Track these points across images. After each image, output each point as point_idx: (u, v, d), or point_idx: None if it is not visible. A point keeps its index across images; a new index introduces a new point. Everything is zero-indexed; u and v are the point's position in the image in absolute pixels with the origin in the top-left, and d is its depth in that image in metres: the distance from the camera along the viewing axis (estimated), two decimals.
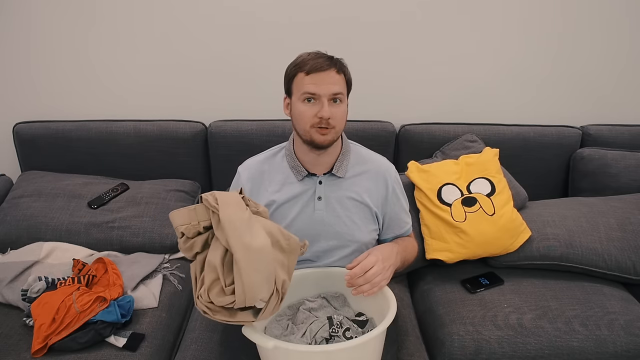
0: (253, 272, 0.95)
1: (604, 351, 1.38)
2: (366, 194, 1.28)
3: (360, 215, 1.28)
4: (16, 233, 1.67)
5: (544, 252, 1.61)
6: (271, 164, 1.30)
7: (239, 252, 0.94)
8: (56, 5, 1.82)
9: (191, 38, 1.88)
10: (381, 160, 1.35)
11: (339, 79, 1.17)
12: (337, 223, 1.26)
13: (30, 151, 1.92)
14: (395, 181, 1.34)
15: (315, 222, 1.26)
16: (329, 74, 1.14)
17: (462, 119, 1.96)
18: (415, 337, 1.47)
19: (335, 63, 1.17)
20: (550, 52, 1.94)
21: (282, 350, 0.98)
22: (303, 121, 1.18)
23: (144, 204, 1.76)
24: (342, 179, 1.27)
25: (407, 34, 1.89)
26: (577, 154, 1.94)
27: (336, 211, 1.26)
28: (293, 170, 1.26)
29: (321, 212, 1.26)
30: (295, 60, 1.21)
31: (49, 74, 1.93)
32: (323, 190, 1.26)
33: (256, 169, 1.30)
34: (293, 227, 1.26)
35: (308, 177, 1.26)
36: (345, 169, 1.27)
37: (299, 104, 1.17)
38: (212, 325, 1.47)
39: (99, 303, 1.37)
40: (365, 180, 1.29)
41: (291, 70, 1.20)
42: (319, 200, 1.26)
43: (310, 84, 1.15)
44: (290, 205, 1.26)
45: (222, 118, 1.94)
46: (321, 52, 1.20)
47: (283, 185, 1.27)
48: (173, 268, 1.65)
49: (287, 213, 1.26)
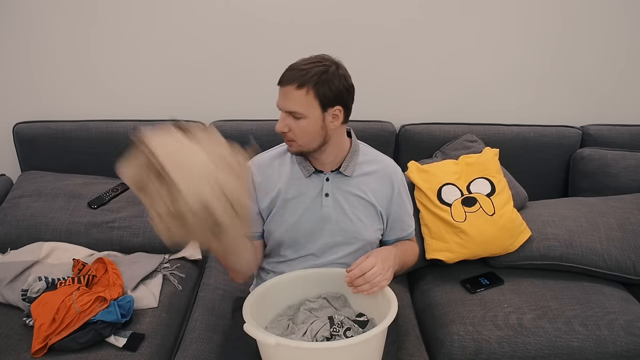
0: (187, 173, 0.91)
1: (604, 351, 1.38)
2: (372, 194, 1.29)
3: (366, 213, 1.29)
4: (16, 233, 1.67)
5: (544, 252, 1.61)
6: (281, 159, 1.32)
7: (168, 164, 0.90)
8: (56, 5, 1.82)
9: (191, 38, 1.88)
10: (388, 162, 1.35)
11: (295, 95, 1.13)
12: (343, 220, 1.27)
13: (30, 151, 1.92)
14: (401, 184, 1.34)
15: (322, 218, 1.27)
16: (288, 89, 1.14)
17: (462, 119, 1.96)
18: (415, 337, 1.47)
19: (299, 76, 1.12)
20: (550, 52, 1.94)
21: (284, 347, 0.98)
22: None
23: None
24: (349, 177, 1.28)
25: (407, 34, 1.89)
26: (577, 154, 1.94)
27: (343, 208, 1.28)
28: (300, 167, 1.28)
29: (328, 209, 1.27)
30: None
31: (49, 74, 1.93)
32: (330, 187, 1.27)
33: (266, 163, 1.31)
34: (301, 223, 1.27)
35: (315, 174, 1.28)
36: (352, 167, 1.28)
37: None
38: (212, 325, 1.48)
39: (99, 303, 1.37)
40: (372, 180, 1.30)
41: None
42: (326, 197, 1.27)
43: (279, 95, 1.18)
44: (298, 201, 1.27)
45: (222, 118, 1.94)
46: (316, 57, 1.17)
47: (291, 181, 1.28)
48: (173, 268, 1.65)
49: (295, 209, 1.27)
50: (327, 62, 1.15)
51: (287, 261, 1.31)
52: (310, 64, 1.14)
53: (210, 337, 1.43)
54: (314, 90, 1.13)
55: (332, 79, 1.13)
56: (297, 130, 1.17)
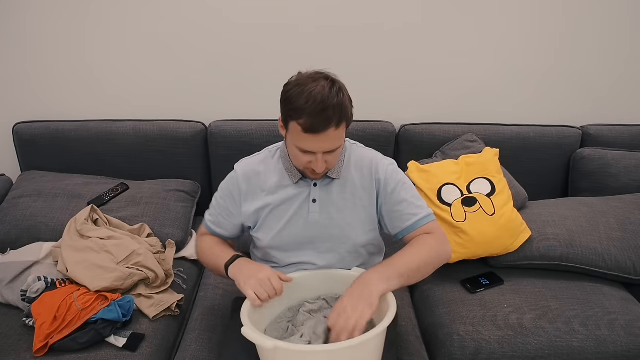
0: None
1: (604, 351, 1.38)
2: (360, 193, 1.27)
3: (355, 217, 1.27)
4: (16, 233, 1.67)
5: (544, 252, 1.61)
6: (267, 165, 1.29)
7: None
8: (57, 5, 1.82)
9: (191, 38, 1.88)
10: (372, 156, 1.30)
11: (337, 134, 1.09)
12: (330, 225, 1.26)
13: (30, 151, 1.92)
14: (390, 174, 1.27)
15: (310, 224, 1.26)
16: (327, 134, 1.08)
17: (462, 119, 1.96)
18: (415, 337, 1.47)
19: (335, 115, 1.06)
20: (550, 52, 1.94)
21: (282, 350, 0.98)
22: (297, 162, 1.19)
23: (144, 204, 1.76)
24: (336, 180, 1.26)
25: (407, 35, 1.89)
26: (577, 154, 1.94)
27: (330, 214, 1.26)
28: (288, 173, 1.26)
29: (315, 215, 1.25)
30: (294, 92, 1.09)
31: (49, 74, 1.93)
32: (318, 192, 1.26)
33: (252, 170, 1.29)
34: (287, 229, 1.26)
35: (303, 180, 1.26)
36: (339, 170, 1.26)
37: (293, 147, 1.15)
38: (212, 325, 1.48)
39: (100, 302, 1.37)
40: (358, 180, 1.27)
41: (288, 111, 1.11)
42: (313, 203, 1.25)
43: (306, 142, 1.10)
44: (285, 207, 1.26)
45: (222, 118, 1.94)
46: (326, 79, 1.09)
47: (278, 188, 1.26)
48: (176, 268, 1.64)
49: (282, 215, 1.26)
50: (335, 80, 1.11)
51: (278, 268, 1.30)
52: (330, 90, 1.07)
53: (210, 337, 1.43)
54: (345, 121, 1.11)
55: (348, 104, 1.11)
56: (332, 161, 1.17)
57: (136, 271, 1.47)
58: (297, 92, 1.08)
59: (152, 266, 1.49)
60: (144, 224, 1.68)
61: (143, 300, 1.46)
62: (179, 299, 1.50)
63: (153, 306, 1.44)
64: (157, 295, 1.48)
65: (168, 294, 1.51)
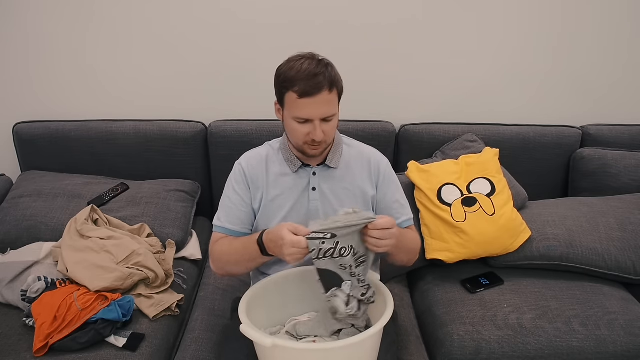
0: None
1: (604, 351, 1.38)
2: (358, 183, 1.31)
3: (354, 205, 1.28)
4: (16, 233, 1.67)
5: (544, 252, 1.61)
6: (269, 155, 1.33)
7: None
8: (57, 5, 1.82)
9: (191, 38, 1.88)
10: (372, 151, 1.36)
11: (330, 99, 1.15)
12: (331, 213, 1.28)
13: (30, 151, 1.92)
14: (387, 172, 1.34)
15: (311, 212, 1.28)
16: (321, 97, 1.13)
17: (462, 119, 1.96)
18: (415, 337, 1.47)
19: (326, 80, 1.13)
20: (550, 52, 1.94)
21: (280, 348, 0.98)
22: (296, 137, 1.21)
23: (144, 204, 1.76)
24: (335, 169, 1.30)
25: (407, 34, 1.89)
26: (577, 154, 1.94)
27: (330, 201, 1.29)
28: (288, 162, 1.29)
29: (316, 202, 1.28)
30: (285, 69, 1.17)
31: (49, 74, 1.93)
32: (317, 181, 1.29)
33: (255, 160, 1.32)
34: (289, 218, 1.28)
35: (302, 169, 1.29)
36: (338, 159, 1.30)
37: (291, 121, 1.18)
38: (212, 325, 1.48)
39: (100, 302, 1.37)
40: (357, 170, 1.31)
41: (282, 84, 1.17)
42: (313, 191, 1.28)
43: (302, 108, 1.15)
44: (286, 196, 1.29)
45: (222, 118, 1.94)
46: (312, 58, 1.16)
47: (279, 177, 1.29)
48: (177, 269, 1.64)
49: (284, 204, 1.28)
50: (322, 58, 1.18)
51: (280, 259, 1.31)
52: (318, 63, 1.14)
53: (210, 337, 1.43)
54: (337, 87, 1.16)
55: (337, 76, 1.18)
56: (330, 132, 1.19)
57: (136, 271, 1.47)
58: (287, 67, 1.16)
59: (152, 266, 1.50)
60: (144, 224, 1.68)
61: (143, 300, 1.46)
62: (179, 299, 1.50)
63: (153, 306, 1.44)
64: (157, 295, 1.48)
65: (168, 294, 1.51)
